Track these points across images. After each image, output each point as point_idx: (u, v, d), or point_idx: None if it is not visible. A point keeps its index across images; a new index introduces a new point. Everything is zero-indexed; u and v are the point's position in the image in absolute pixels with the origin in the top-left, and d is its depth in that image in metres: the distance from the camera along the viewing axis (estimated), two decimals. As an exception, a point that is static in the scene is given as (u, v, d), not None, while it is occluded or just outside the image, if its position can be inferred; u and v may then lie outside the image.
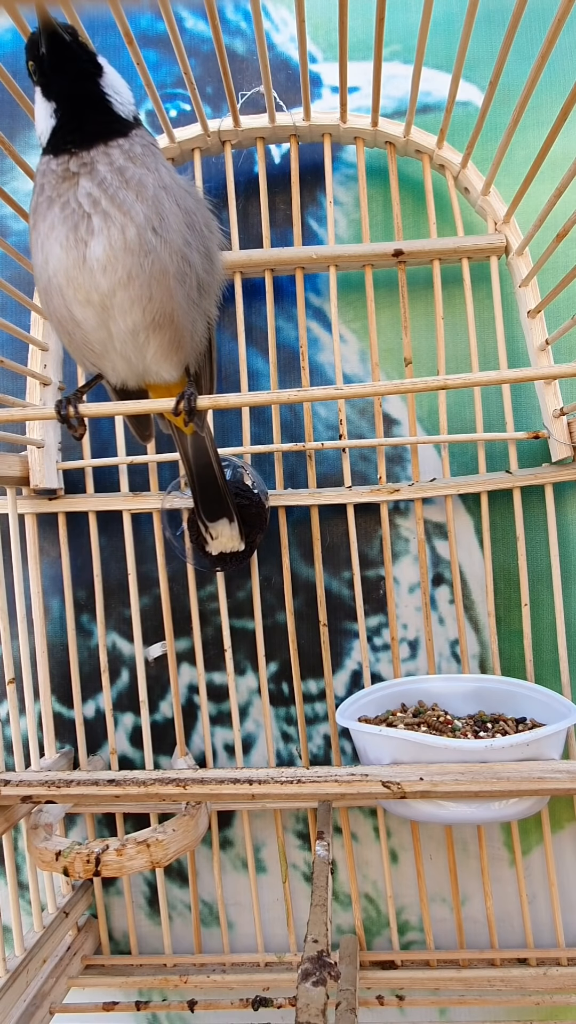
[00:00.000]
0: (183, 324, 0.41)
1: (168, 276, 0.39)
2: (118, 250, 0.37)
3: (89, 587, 0.62)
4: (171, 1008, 0.58)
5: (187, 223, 0.40)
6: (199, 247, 0.41)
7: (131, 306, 0.39)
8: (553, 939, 0.59)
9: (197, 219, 0.41)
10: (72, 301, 0.39)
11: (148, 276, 0.38)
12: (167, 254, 0.38)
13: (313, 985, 0.30)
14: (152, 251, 0.38)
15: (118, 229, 0.37)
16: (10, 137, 0.64)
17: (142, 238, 0.38)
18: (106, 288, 0.38)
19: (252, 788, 0.43)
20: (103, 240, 0.37)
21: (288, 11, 0.64)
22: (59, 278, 0.38)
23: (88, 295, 0.39)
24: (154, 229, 0.38)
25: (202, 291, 0.42)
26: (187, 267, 0.40)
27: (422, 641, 0.61)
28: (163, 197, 0.38)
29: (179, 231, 0.39)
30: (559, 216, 0.50)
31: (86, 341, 0.41)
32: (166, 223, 0.38)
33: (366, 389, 0.44)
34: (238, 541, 0.54)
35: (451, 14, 0.61)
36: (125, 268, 0.38)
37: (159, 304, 0.39)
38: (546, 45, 0.39)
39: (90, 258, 0.37)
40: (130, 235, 0.37)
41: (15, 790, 0.45)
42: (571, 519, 0.60)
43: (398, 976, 0.58)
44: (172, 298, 0.39)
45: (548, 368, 0.44)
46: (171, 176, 0.40)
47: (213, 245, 0.43)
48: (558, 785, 0.42)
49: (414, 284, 0.62)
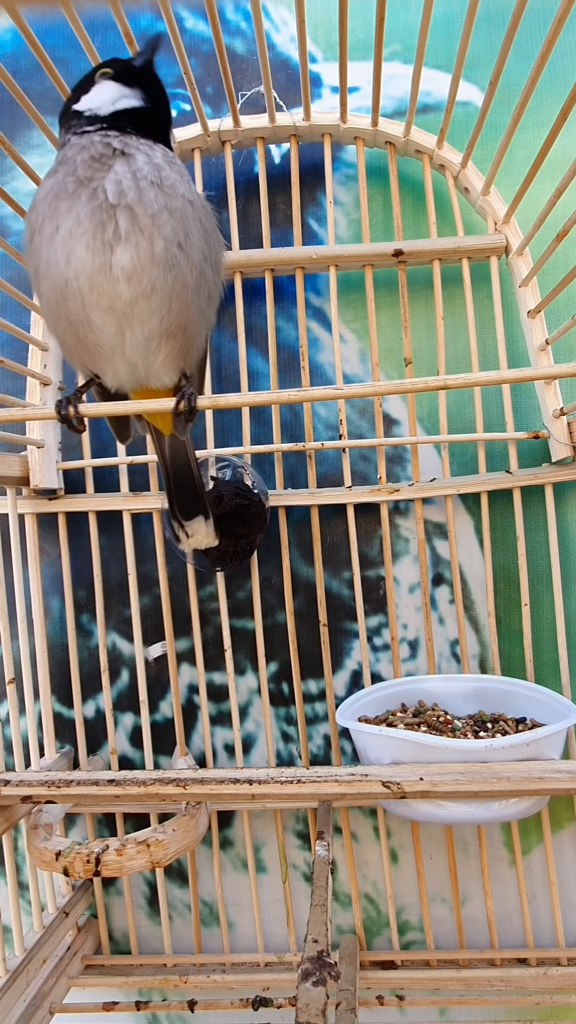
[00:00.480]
0: (194, 333, 0.42)
1: (188, 290, 0.39)
2: (145, 261, 0.37)
3: (89, 587, 0.62)
4: (171, 1008, 0.58)
5: (204, 239, 0.41)
6: (212, 260, 0.42)
7: (150, 316, 0.39)
8: (553, 939, 0.59)
9: (211, 234, 0.42)
10: (93, 306, 0.38)
11: (170, 289, 0.39)
12: (188, 269, 0.39)
13: (313, 985, 0.30)
14: (176, 265, 0.38)
15: (146, 239, 0.37)
16: (10, 137, 0.64)
17: (168, 252, 0.38)
18: (128, 297, 0.38)
19: (252, 788, 0.43)
20: (131, 249, 0.37)
21: (288, 11, 0.64)
22: (81, 281, 0.38)
23: (112, 302, 0.38)
24: (179, 245, 0.38)
25: (210, 301, 0.43)
26: (203, 281, 0.40)
27: (422, 641, 0.61)
28: (189, 211, 0.39)
29: (200, 247, 0.40)
30: (559, 216, 0.50)
31: (96, 345, 0.41)
32: (191, 239, 0.39)
33: (366, 389, 0.44)
34: (213, 537, 0.53)
35: (451, 14, 0.61)
36: (150, 280, 0.38)
37: (176, 315, 0.40)
38: (546, 45, 0.39)
39: (116, 266, 0.37)
40: (158, 248, 0.37)
41: (15, 790, 0.45)
42: (571, 519, 0.60)
43: (398, 976, 0.58)
44: (188, 310, 0.40)
45: (548, 368, 0.44)
46: (193, 192, 0.41)
47: (220, 256, 0.43)
48: (558, 785, 0.42)
49: (414, 284, 0.62)
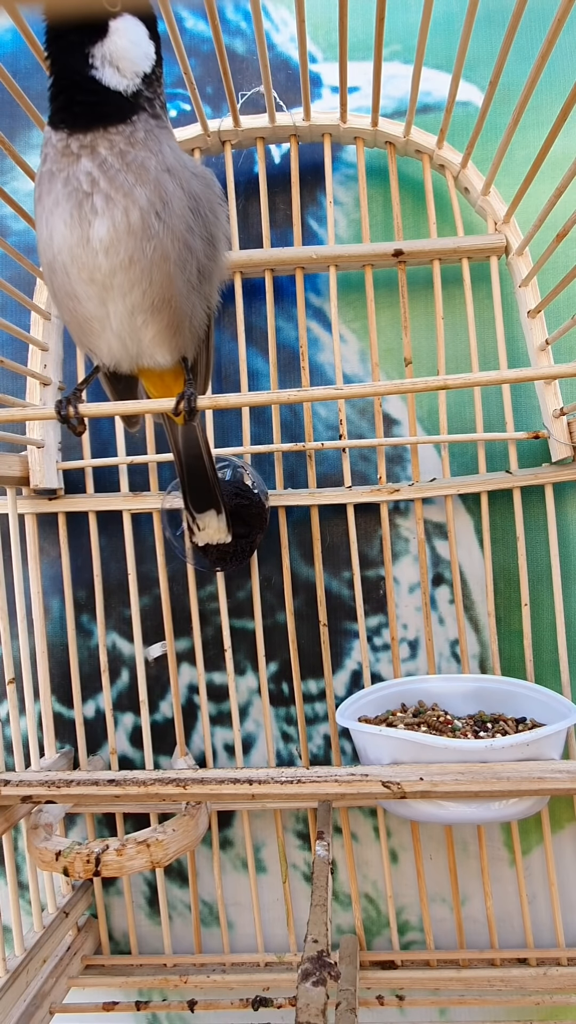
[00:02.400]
0: (182, 309, 0.41)
1: (169, 262, 0.39)
2: (121, 232, 0.37)
3: (89, 587, 0.61)
4: (171, 1008, 0.58)
5: (191, 207, 0.40)
6: (202, 233, 0.41)
7: (131, 288, 0.39)
8: (553, 939, 0.59)
9: (202, 204, 0.40)
10: (76, 279, 0.39)
11: (149, 261, 0.38)
12: (169, 240, 0.38)
13: (313, 985, 0.30)
14: (155, 236, 0.38)
15: (121, 211, 0.37)
16: (10, 137, 0.64)
17: (145, 222, 0.37)
18: (107, 269, 0.38)
19: (252, 788, 0.43)
20: (107, 221, 0.37)
21: (288, 11, 0.64)
22: (64, 256, 0.38)
23: (92, 274, 0.39)
24: (157, 214, 0.38)
25: (203, 277, 0.42)
26: (188, 253, 0.40)
27: (422, 641, 0.61)
28: (166, 180, 0.38)
29: (182, 216, 0.39)
30: (559, 216, 0.50)
31: (86, 319, 0.41)
32: (169, 208, 0.38)
33: (366, 389, 0.44)
34: (225, 533, 0.53)
35: (451, 14, 0.61)
36: (127, 251, 0.38)
37: (158, 288, 0.39)
38: (546, 45, 0.39)
39: (93, 238, 0.37)
40: (133, 218, 0.37)
41: (15, 790, 0.45)
42: (571, 519, 0.60)
43: (398, 976, 0.58)
44: (172, 283, 0.39)
45: (548, 368, 0.44)
46: (176, 157, 0.39)
47: (217, 231, 0.42)
48: (558, 785, 0.42)
49: (414, 284, 0.62)
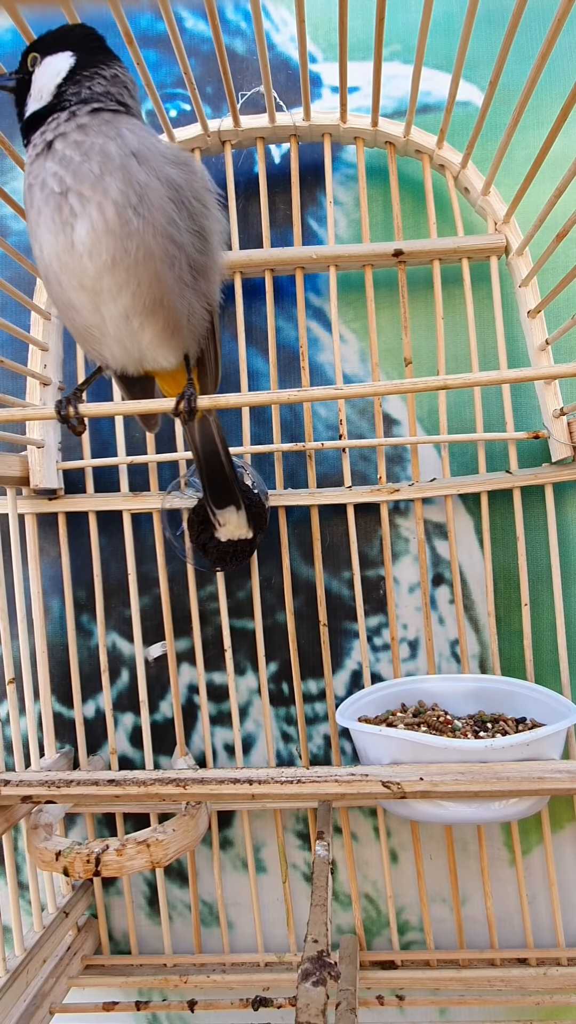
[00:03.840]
0: (177, 309, 0.40)
1: (154, 259, 0.37)
2: (100, 232, 0.36)
3: (89, 587, 0.61)
4: (171, 1008, 0.58)
5: (172, 197, 0.38)
6: (189, 225, 0.39)
7: (120, 291, 0.38)
8: (553, 939, 0.59)
9: (185, 193, 0.39)
10: (68, 287, 0.38)
11: (133, 260, 0.37)
12: (151, 235, 0.37)
13: (313, 985, 0.30)
14: (135, 232, 0.36)
15: (95, 208, 0.36)
16: (10, 137, 0.63)
17: (122, 217, 0.36)
18: (93, 272, 0.37)
19: (252, 788, 0.43)
20: (86, 222, 0.36)
21: (288, 11, 0.64)
22: (54, 264, 0.38)
23: (80, 280, 0.38)
24: (134, 208, 0.36)
25: (196, 273, 0.40)
26: (175, 248, 0.38)
27: (422, 641, 0.61)
28: (134, 167, 0.36)
29: (162, 208, 0.37)
30: (559, 216, 0.50)
31: (85, 326, 0.40)
32: (146, 200, 0.36)
33: (366, 389, 0.44)
34: (245, 529, 0.53)
35: (451, 14, 0.61)
36: (109, 251, 0.37)
37: (148, 288, 0.38)
38: (546, 45, 0.39)
39: (77, 242, 0.37)
40: (109, 214, 0.36)
41: (15, 790, 0.45)
42: (571, 519, 0.60)
43: (398, 976, 0.58)
44: (161, 282, 0.38)
45: (548, 368, 0.44)
46: (143, 142, 0.37)
47: (207, 222, 0.40)
48: (558, 785, 0.42)
49: (414, 284, 0.62)
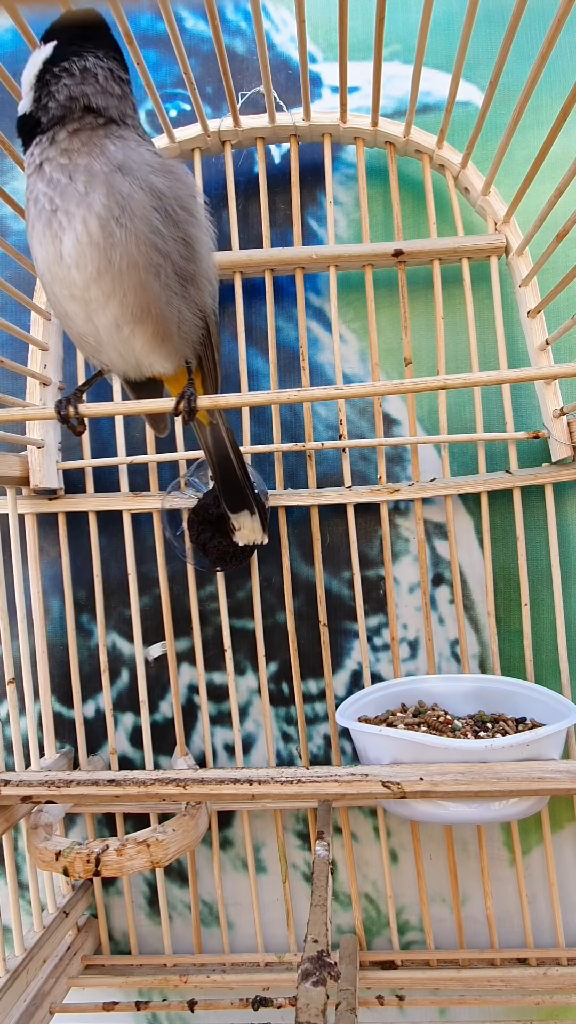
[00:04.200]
0: (166, 316, 0.40)
1: (138, 269, 0.38)
2: (84, 245, 0.37)
3: (89, 587, 0.61)
4: (171, 1008, 0.58)
5: (155, 207, 0.38)
6: (174, 234, 0.39)
7: (107, 300, 0.39)
8: (553, 939, 0.59)
9: (169, 201, 0.39)
10: (61, 297, 0.39)
11: (117, 270, 0.38)
12: (134, 245, 0.37)
13: (313, 985, 0.30)
14: (118, 244, 0.37)
15: (80, 222, 0.37)
16: (10, 137, 0.64)
17: (105, 230, 0.37)
18: (81, 283, 0.38)
19: (252, 788, 0.43)
20: (71, 235, 0.37)
21: (288, 11, 0.64)
22: (48, 276, 0.39)
23: (71, 290, 0.39)
24: (116, 219, 0.37)
25: (184, 281, 0.40)
26: (160, 257, 0.39)
27: (422, 641, 0.61)
28: (119, 181, 0.37)
29: (145, 218, 0.38)
30: (559, 216, 0.50)
31: (81, 335, 0.41)
32: (129, 212, 0.37)
33: (366, 389, 0.44)
34: (260, 534, 0.54)
35: (451, 14, 0.61)
36: (93, 263, 0.37)
37: (134, 297, 0.39)
38: (546, 45, 0.39)
39: (65, 254, 0.38)
40: (92, 228, 0.37)
41: (15, 790, 0.45)
42: (571, 519, 0.60)
43: (398, 976, 0.58)
44: (146, 291, 0.39)
45: (548, 368, 0.44)
46: (125, 153, 0.38)
47: (194, 230, 0.41)
48: (558, 785, 0.41)
49: (414, 284, 0.62)
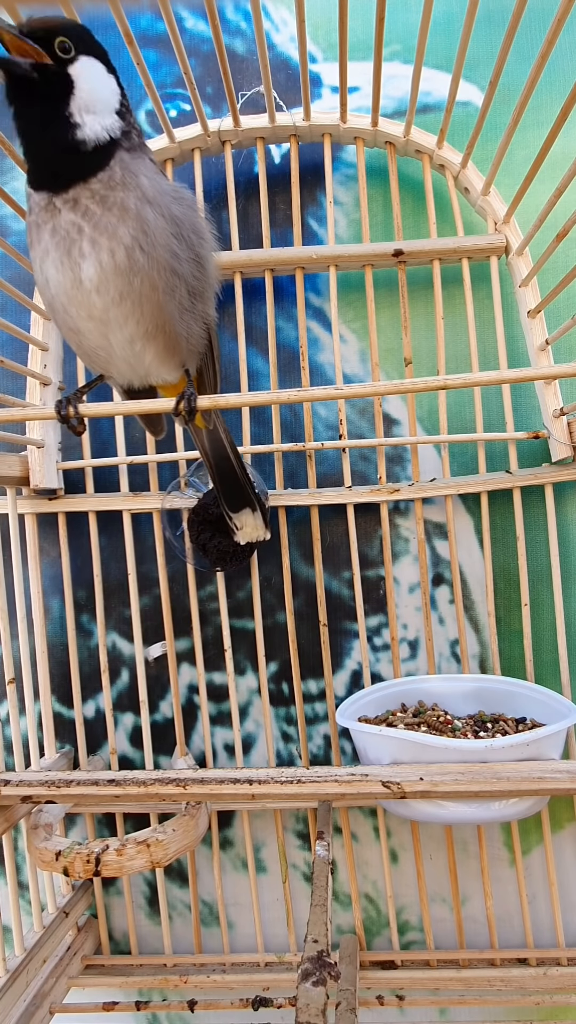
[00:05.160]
0: (177, 331, 0.43)
1: (157, 291, 0.40)
2: (108, 272, 0.39)
3: (89, 587, 0.61)
4: (171, 1008, 0.58)
5: (174, 233, 0.41)
6: (188, 255, 0.42)
7: (125, 320, 0.41)
8: (553, 939, 0.59)
9: (184, 227, 0.42)
10: (76, 317, 0.41)
11: (138, 295, 0.40)
12: (155, 271, 0.40)
13: (313, 985, 0.30)
14: (140, 271, 0.39)
15: (107, 252, 0.39)
16: (10, 137, 0.64)
17: (131, 258, 0.39)
18: (101, 306, 0.40)
19: (252, 788, 0.43)
20: (94, 263, 0.39)
21: (288, 11, 0.64)
22: (61, 298, 0.41)
23: (89, 311, 0.41)
24: (141, 247, 0.39)
25: (194, 297, 0.43)
26: (176, 279, 0.41)
27: (422, 641, 0.61)
28: (147, 213, 0.39)
29: (166, 245, 0.40)
30: (559, 216, 0.50)
31: (91, 348, 0.43)
32: (152, 240, 0.39)
33: (366, 389, 0.44)
34: (263, 530, 0.55)
35: (451, 14, 0.61)
36: (116, 288, 0.40)
37: (150, 317, 0.41)
38: (546, 45, 0.39)
39: (85, 279, 0.39)
40: (119, 257, 0.39)
41: (15, 790, 0.45)
42: (571, 519, 0.60)
43: (398, 976, 0.58)
44: (162, 311, 0.41)
45: (548, 368, 0.44)
46: (154, 186, 0.40)
47: (204, 251, 0.43)
48: (558, 785, 0.42)
49: (414, 284, 0.62)
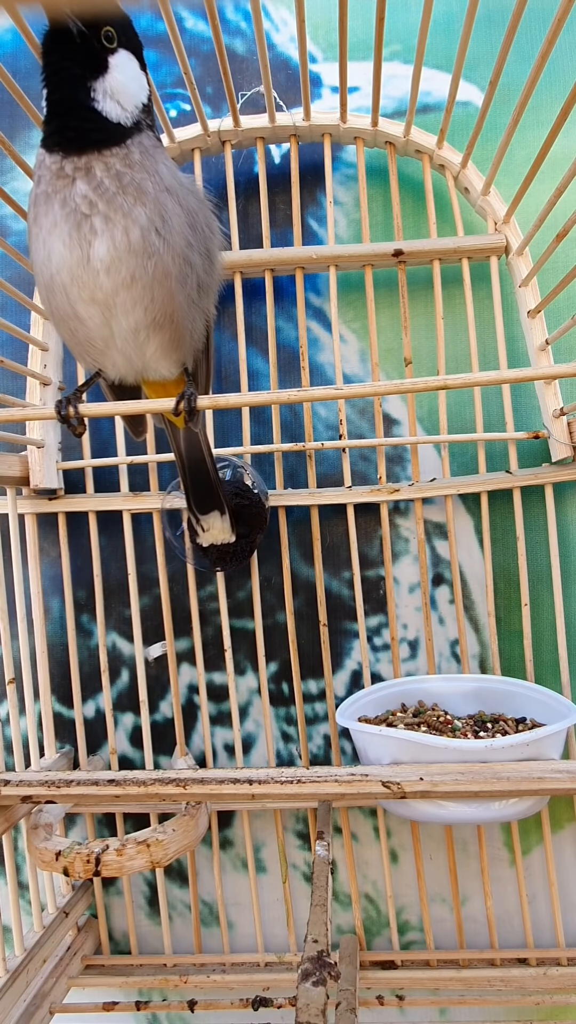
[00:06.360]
0: (183, 324, 0.41)
1: (171, 278, 0.39)
2: (122, 251, 0.37)
3: (89, 587, 0.61)
4: (171, 1008, 0.58)
5: (189, 224, 0.40)
6: (200, 248, 0.41)
7: (133, 306, 0.39)
8: (553, 939, 0.59)
9: (199, 219, 0.41)
10: (76, 299, 0.39)
11: (151, 278, 0.38)
12: (170, 257, 0.39)
13: (313, 985, 0.30)
14: (155, 254, 0.38)
15: (121, 231, 0.37)
16: (10, 137, 0.64)
17: (146, 240, 0.38)
18: (109, 288, 0.38)
19: (252, 788, 0.43)
20: (107, 240, 0.37)
21: (288, 11, 0.64)
22: (63, 276, 0.38)
23: (93, 293, 0.39)
24: (157, 231, 0.38)
25: (202, 291, 0.42)
26: (188, 269, 0.40)
27: (422, 641, 0.61)
28: (166, 199, 0.38)
29: (182, 233, 0.39)
30: (559, 216, 0.50)
31: (89, 338, 0.41)
32: (169, 225, 0.38)
33: (366, 389, 0.44)
34: (229, 533, 0.54)
35: (451, 14, 0.61)
36: (129, 270, 0.38)
37: (160, 305, 0.40)
38: (546, 45, 0.39)
39: (94, 258, 0.37)
40: (134, 237, 0.37)
41: (15, 790, 0.45)
42: (571, 519, 0.60)
43: (398, 976, 0.58)
44: (173, 299, 0.40)
45: (548, 368, 0.44)
46: (173, 176, 0.39)
47: (213, 246, 0.43)
48: (558, 785, 0.42)
49: (414, 284, 0.62)
